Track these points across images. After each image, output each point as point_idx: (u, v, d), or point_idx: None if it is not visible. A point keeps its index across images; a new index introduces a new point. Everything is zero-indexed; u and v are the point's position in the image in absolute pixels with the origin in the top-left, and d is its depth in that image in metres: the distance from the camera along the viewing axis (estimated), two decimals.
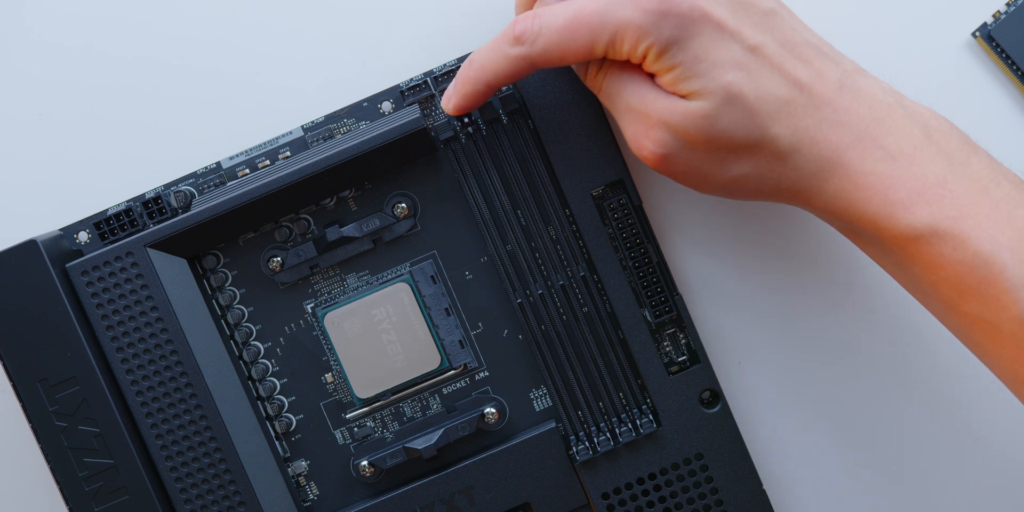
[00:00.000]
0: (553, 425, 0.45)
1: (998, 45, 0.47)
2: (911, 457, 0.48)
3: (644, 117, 0.39)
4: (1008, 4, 0.47)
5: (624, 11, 0.38)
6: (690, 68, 0.38)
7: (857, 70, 0.40)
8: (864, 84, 0.39)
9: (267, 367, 0.46)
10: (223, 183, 0.46)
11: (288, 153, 0.46)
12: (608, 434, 0.45)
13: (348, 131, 0.46)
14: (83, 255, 0.45)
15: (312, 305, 0.46)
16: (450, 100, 0.43)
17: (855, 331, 0.48)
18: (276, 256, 0.46)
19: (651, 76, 0.39)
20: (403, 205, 0.46)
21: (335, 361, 0.46)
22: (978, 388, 0.47)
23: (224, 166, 0.46)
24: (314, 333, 0.46)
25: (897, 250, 0.39)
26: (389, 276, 0.46)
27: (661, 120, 0.39)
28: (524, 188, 0.45)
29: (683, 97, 0.39)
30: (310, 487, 0.46)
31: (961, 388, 0.48)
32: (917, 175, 0.38)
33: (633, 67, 0.40)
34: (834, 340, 0.48)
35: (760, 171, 0.39)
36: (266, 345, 0.46)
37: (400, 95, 0.46)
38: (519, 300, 0.45)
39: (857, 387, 0.48)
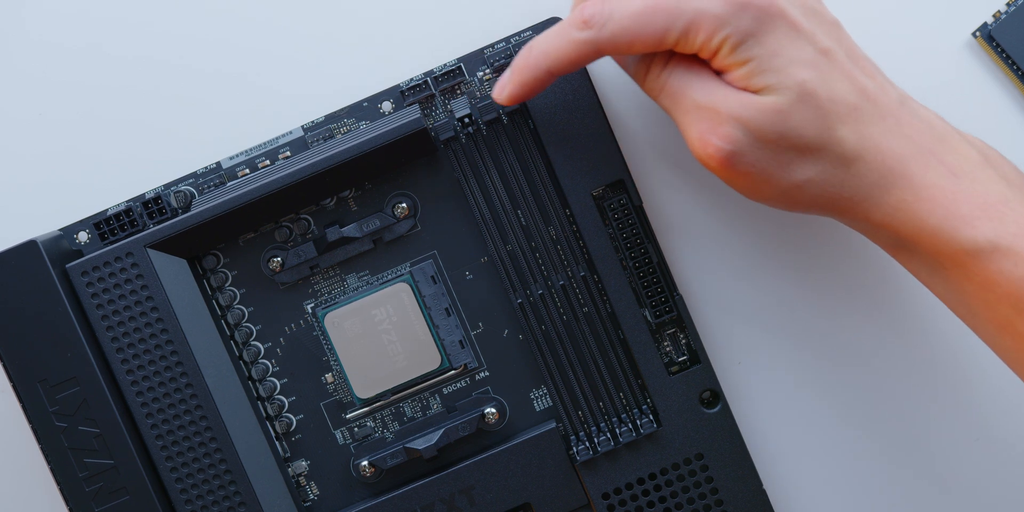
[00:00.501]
0: (553, 425, 0.45)
1: (998, 45, 0.47)
2: (911, 456, 0.48)
3: (713, 114, 0.39)
4: (1008, 4, 0.47)
5: (703, 0, 0.38)
6: (766, 62, 0.38)
7: (909, 96, 0.40)
8: (919, 108, 0.40)
9: (267, 367, 0.46)
10: (223, 183, 0.46)
11: (288, 153, 0.46)
12: (608, 434, 0.45)
13: (348, 131, 0.46)
14: (83, 255, 0.45)
15: (312, 305, 0.46)
16: (504, 89, 0.41)
17: (855, 330, 0.48)
18: (276, 256, 0.46)
19: (718, 73, 0.39)
20: (403, 205, 0.46)
21: (335, 361, 0.46)
22: (977, 388, 0.47)
23: (224, 166, 0.46)
24: (314, 333, 0.46)
25: (953, 267, 0.38)
26: (389, 276, 0.46)
27: (732, 115, 0.38)
28: (524, 188, 0.45)
29: (755, 92, 0.38)
30: (310, 487, 0.46)
31: (961, 387, 0.48)
32: (979, 192, 0.38)
33: (700, 63, 0.39)
34: (834, 340, 0.48)
35: (823, 176, 0.39)
36: (266, 345, 0.46)
37: (400, 95, 0.46)
38: (519, 300, 0.45)
39: (857, 386, 0.48)
